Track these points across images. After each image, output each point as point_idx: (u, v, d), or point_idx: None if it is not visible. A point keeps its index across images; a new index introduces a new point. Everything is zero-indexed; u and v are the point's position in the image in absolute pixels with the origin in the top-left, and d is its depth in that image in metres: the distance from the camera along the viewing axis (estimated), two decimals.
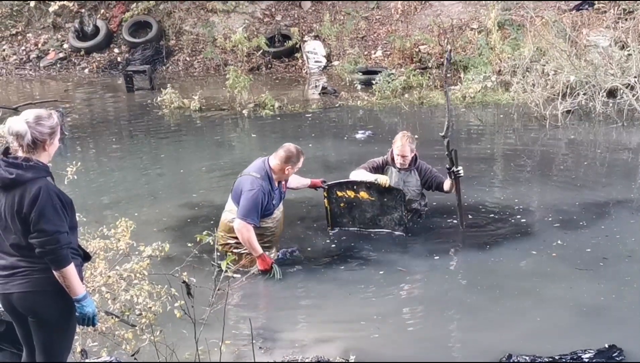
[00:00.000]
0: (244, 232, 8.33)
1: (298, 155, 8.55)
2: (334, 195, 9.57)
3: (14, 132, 4.86)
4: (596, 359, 6.53)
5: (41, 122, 4.91)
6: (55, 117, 5.03)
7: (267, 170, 8.49)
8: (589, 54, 17.17)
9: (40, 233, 4.82)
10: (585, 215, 10.02)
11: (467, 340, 7.20)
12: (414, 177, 9.69)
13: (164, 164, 13.93)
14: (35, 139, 4.87)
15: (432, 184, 9.79)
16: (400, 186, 9.57)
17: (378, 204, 9.48)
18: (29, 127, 4.84)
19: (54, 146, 5.03)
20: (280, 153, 8.52)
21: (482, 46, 19.95)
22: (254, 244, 8.35)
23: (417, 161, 9.70)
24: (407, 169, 9.65)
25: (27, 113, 4.95)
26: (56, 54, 24.55)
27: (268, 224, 8.67)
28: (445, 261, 8.97)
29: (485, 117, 16.56)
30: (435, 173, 9.77)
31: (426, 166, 9.80)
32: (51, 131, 4.96)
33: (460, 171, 9.39)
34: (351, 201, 9.55)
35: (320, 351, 6.85)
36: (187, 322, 5.79)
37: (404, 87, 18.51)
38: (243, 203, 8.36)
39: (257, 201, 8.33)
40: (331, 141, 14.91)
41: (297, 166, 8.62)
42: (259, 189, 8.35)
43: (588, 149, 13.80)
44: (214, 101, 18.78)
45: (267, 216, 8.58)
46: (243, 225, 8.33)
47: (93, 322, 5.16)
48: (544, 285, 8.22)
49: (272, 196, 8.53)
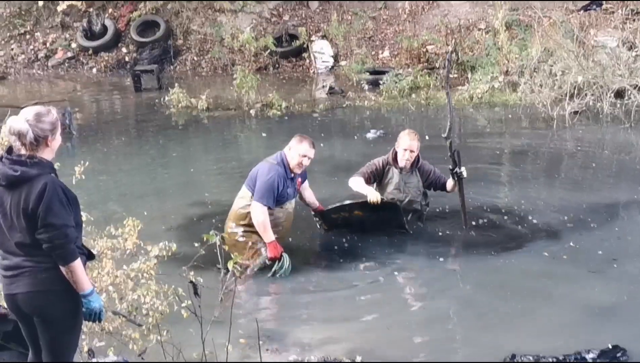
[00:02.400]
0: (260, 215, 8.40)
1: (310, 142, 8.65)
2: (329, 218, 9.54)
3: (16, 131, 4.85)
4: (600, 359, 6.53)
5: (41, 120, 4.90)
6: (54, 113, 5.02)
7: (283, 158, 8.62)
8: (596, 54, 17.15)
9: (48, 227, 4.82)
10: (595, 216, 9.96)
11: (473, 340, 7.18)
12: (416, 178, 9.64)
13: (172, 163, 13.95)
14: (38, 137, 4.87)
15: (436, 185, 9.78)
16: (401, 187, 9.54)
17: (374, 219, 9.37)
18: (30, 126, 4.84)
19: (56, 141, 5.02)
20: (292, 140, 8.66)
21: (490, 46, 19.93)
22: (268, 228, 8.41)
23: (419, 161, 9.66)
24: (409, 170, 9.60)
25: (26, 111, 4.94)
26: (64, 54, 24.60)
27: (278, 214, 8.68)
28: (451, 262, 8.99)
29: (492, 117, 16.55)
30: (438, 173, 9.75)
31: (428, 167, 9.75)
32: (52, 127, 4.95)
33: (464, 172, 9.39)
34: (347, 219, 9.48)
35: (326, 351, 6.85)
36: (194, 322, 5.80)
37: (411, 87, 18.47)
38: (259, 186, 8.46)
39: (273, 184, 8.43)
40: (342, 141, 14.91)
41: (309, 153, 8.63)
42: (275, 172, 8.47)
43: (596, 150, 13.76)
44: (222, 100, 18.78)
45: (280, 203, 8.63)
46: (259, 207, 8.41)
47: (99, 317, 5.17)
48: (554, 285, 8.21)
49: (287, 184, 8.61)
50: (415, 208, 9.78)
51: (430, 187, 9.82)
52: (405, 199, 9.60)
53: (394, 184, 9.55)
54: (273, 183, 8.44)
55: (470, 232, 9.57)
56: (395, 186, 9.55)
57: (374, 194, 9.16)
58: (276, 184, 8.46)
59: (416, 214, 9.83)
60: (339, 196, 10.04)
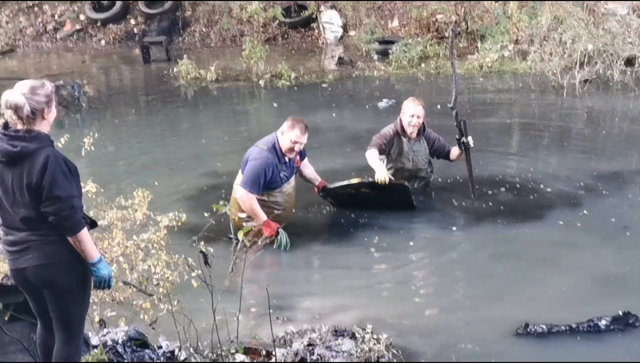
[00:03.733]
0: (246, 201, 8.37)
1: (301, 128, 8.45)
2: (334, 194, 9.48)
3: (12, 105, 4.81)
4: (612, 326, 6.54)
5: (37, 92, 4.87)
6: (49, 85, 4.99)
7: (275, 142, 8.48)
8: (607, 22, 17.07)
9: (54, 199, 4.80)
10: (607, 185, 9.92)
11: (486, 310, 7.15)
12: (423, 145, 9.64)
13: (181, 134, 13.98)
14: (34, 110, 4.83)
15: (440, 153, 9.79)
16: (410, 156, 9.52)
17: (381, 197, 9.29)
18: (26, 99, 4.82)
19: (52, 114, 4.99)
20: (285, 124, 8.51)
21: (499, 15, 19.84)
22: (257, 211, 8.38)
23: (425, 129, 9.65)
24: (416, 138, 9.60)
25: (21, 85, 4.90)
26: (73, 26, 24.59)
27: (277, 199, 8.66)
28: (464, 232, 8.89)
29: (502, 86, 16.48)
30: (442, 141, 9.76)
31: (434, 135, 9.76)
32: (47, 99, 4.92)
33: (470, 142, 9.37)
34: (353, 195, 9.39)
35: (336, 320, 6.85)
36: (205, 292, 5.82)
37: (420, 57, 18.46)
38: (246, 173, 8.41)
39: (259, 171, 8.34)
40: (353, 111, 14.89)
41: (300, 139, 8.46)
42: (262, 160, 8.36)
43: (606, 118, 13.71)
44: (230, 71, 18.78)
45: (274, 189, 8.58)
46: (244, 193, 8.37)
47: (109, 284, 5.18)
48: (568, 254, 8.18)
49: (279, 169, 8.51)
50: (422, 176, 9.78)
51: (434, 155, 9.82)
52: (414, 168, 9.61)
53: (403, 154, 9.53)
54: (259, 171, 8.35)
55: (482, 202, 9.53)
56: (405, 156, 9.53)
57: (382, 174, 9.06)
58: (262, 172, 8.35)
59: (423, 181, 9.85)
60: (351, 167, 10.06)
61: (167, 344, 6.27)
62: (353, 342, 6.37)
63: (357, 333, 6.41)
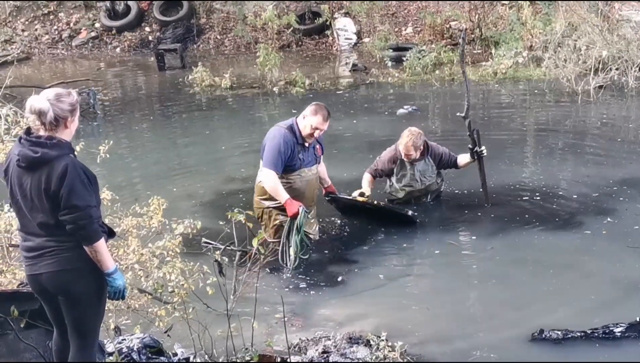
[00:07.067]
0: (268, 180, 8.34)
1: (324, 115, 8.43)
2: (339, 203, 9.48)
3: (36, 110, 4.84)
4: (628, 332, 6.52)
5: (62, 100, 4.89)
6: (75, 94, 5.02)
7: (294, 124, 8.48)
8: (621, 28, 17.06)
9: (72, 209, 4.81)
10: (626, 192, 9.86)
11: (503, 316, 7.16)
12: (429, 164, 9.56)
13: (197, 141, 14.00)
14: (57, 117, 4.85)
15: (448, 165, 9.72)
16: (417, 177, 9.50)
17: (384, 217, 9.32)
18: (51, 105, 4.84)
19: (74, 123, 5.01)
20: (308, 108, 8.50)
21: (514, 21, 19.81)
22: (280, 190, 8.31)
23: (429, 149, 9.56)
24: (419, 159, 9.52)
25: (47, 92, 4.94)
26: (88, 33, 24.70)
27: (294, 179, 8.57)
28: (483, 240, 8.78)
29: (516, 93, 16.44)
30: (448, 153, 9.67)
31: (439, 151, 9.64)
32: (72, 108, 4.94)
33: (484, 151, 9.35)
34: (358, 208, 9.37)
35: (351, 327, 6.84)
36: (219, 299, 5.83)
37: (434, 63, 18.44)
38: (266, 151, 8.38)
39: (278, 148, 8.30)
40: (372, 118, 14.81)
41: (321, 126, 8.44)
42: (280, 137, 8.34)
43: (621, 124, 13.66)
44: (245, 79, 18.83)
45: (292, 170, 8.52)
46: (267, 172, 8.34)
47: (123, 294, 5.19)
48: (591, 261, 8.15)
49: (297, 149, 8.46)
50: (434, 189, 9.78)
51: (442, 168, 9.78)
52: (424, 187, 9.63)
53: (408, 177, 9.52)
54: (279, 147, 8.30)
55: (500, 210, 9.47)
56: (410, 178, 9.53)
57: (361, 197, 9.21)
58: (282, 148, 8.31)
59: (435, 193, 9.84)
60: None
61: (182, 351, 6.29)
62: (368, 349, 6.37)
63: (371, 341, 6.41)
